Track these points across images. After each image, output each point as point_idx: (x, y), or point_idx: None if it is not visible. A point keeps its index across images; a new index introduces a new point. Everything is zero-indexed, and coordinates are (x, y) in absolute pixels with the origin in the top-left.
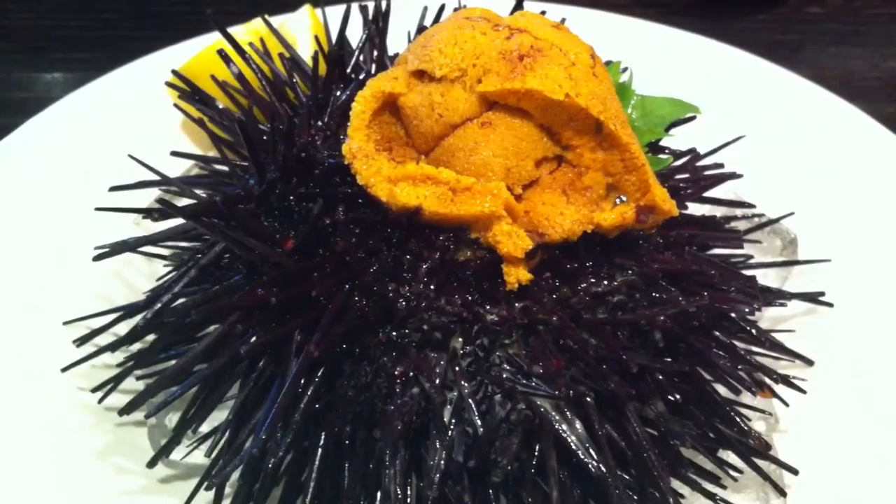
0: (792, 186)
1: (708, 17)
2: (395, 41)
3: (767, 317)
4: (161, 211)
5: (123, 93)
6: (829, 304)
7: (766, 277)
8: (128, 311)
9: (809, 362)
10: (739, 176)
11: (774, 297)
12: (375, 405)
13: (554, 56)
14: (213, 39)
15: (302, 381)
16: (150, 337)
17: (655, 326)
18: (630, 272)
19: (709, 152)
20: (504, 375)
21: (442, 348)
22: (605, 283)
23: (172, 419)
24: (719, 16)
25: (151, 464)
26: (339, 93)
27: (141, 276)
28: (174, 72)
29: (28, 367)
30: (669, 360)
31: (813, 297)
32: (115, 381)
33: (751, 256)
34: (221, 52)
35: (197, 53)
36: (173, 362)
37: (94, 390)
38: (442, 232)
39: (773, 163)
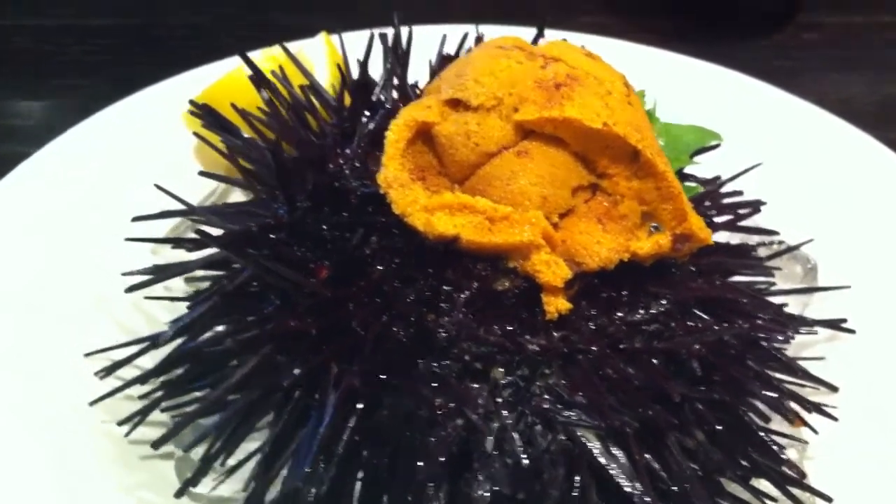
0: (809, 213)
1: (706, 43)
2: (413, 69)
3: (791, 344)
4: (196, 241)
5: (134, 122)
6: (852, 331)
7: (786, 304)
8: (153, 340)
9: (834, 389)
10: (764, 203)
11: (800, 324)
12: (416, 437)
13: (590, 85)
14: (226, 67)
15: (342, 413)
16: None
17: (693, 355)
18: (665, 301)
19: (727, 179)
20: (545, 406)
21: (483, 379)
22: (642, 311)
23: (198, 451)
24: (717, 41)
25: (178, 494)
26: (365, 120)
27: None
28: (192, 102)
29: (28, 366)
30: (705, 388)
31: (835, 324)
32: (142, 414)
33: (773, 283)
34: (253, 79)
35: (214, 81)
36: (200, 393)
37: (121, 423)
38: (479, 261)
39: (790, 190)
